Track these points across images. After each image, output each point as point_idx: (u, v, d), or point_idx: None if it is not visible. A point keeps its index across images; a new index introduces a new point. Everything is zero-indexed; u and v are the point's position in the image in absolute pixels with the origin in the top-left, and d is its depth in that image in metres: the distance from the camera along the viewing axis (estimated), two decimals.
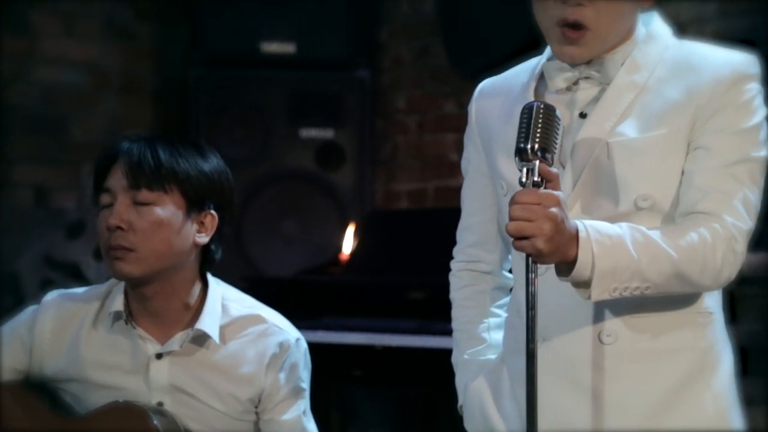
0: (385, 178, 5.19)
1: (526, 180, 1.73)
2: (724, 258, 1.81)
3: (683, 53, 1.90)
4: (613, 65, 1.91)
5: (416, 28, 5.11)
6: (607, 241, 1.76)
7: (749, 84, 1.86)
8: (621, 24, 1.90)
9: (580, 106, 1.91)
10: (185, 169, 2.31)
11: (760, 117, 1.86)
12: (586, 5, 1.85)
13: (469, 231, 2.09)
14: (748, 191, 1.83)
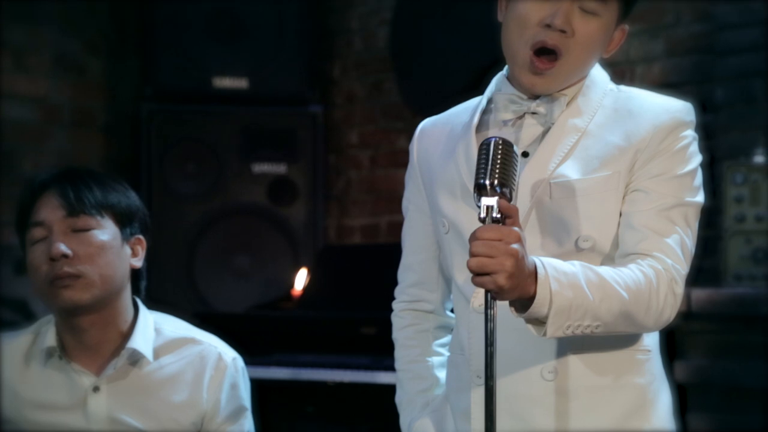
0: (338, 213, 5.18)
1: (485, 216, 1.72)
2: (665, 300, 1.84)
3: (622, 99, 1.94)
4: (558, 106, 1.93)
5: (369, 64, 5.12)
6: (563, 279, 1.77)
7: (686, 131, 1.90)
8: (588, 63, 1.93)
9: (524, 145, 1.93)
10: (114, 194, 2.38)
11: (696, 163, 1.91)
12: (569, 35, 1.86)
13: (411, 270, 2.09)
14: (684, 235, 1.87)
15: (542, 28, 1.87)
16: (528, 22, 1.88)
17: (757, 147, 3.76)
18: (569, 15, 1.86)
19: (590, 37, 1.87)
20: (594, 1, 1.86)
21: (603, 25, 1.88)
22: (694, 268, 1.91)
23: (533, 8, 1.88)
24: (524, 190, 1.89)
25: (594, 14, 1.87)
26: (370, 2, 5.13)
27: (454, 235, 1.94)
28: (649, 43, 4.20)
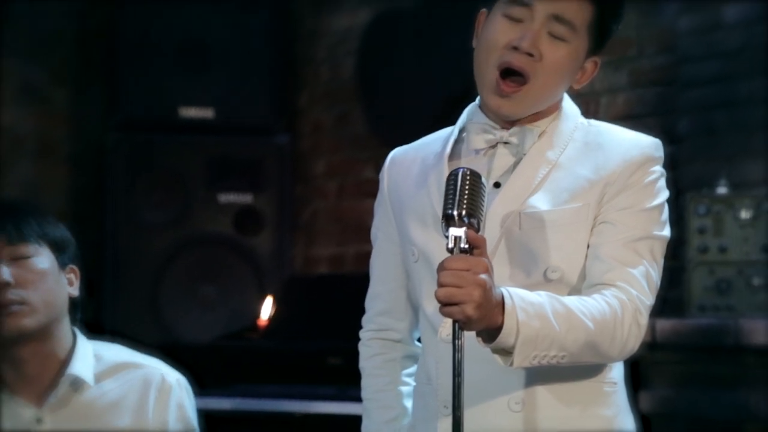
0: (305, 243, 5.17)
1: (453, 246, 1.73)
2: (630, 330, 1.85)
3: (592, 133, 1.96)
4: (531, 137, 1.95)
5: (336, 94, 5.14)
6: (530, 309, 1.78)
7: (654, 166, 1.93)
8: (556, 90, 1.94)
9: (496, 175, 1.95)
10: (48, 225, 2.43)
11: (663, 198, 1.93)
12: (536, 58, 1.88)
13: (379, 299, 2.10)
14: (650, 267, 1.89)
15: (509, 50, 1.89)
16: (496, 44, 1.90)
17: (720, 178, 3.80)
18: (537, 39, 1.87)
19: (558, 62, 1.89)
20: (563, 26, 1.88)
21: (571, 52, 1.90)
22: (659, 299, 1.93)
23: (502, 31, 1.89)
24: (494, 221, 1.90)
25: (563, 40, 1.88)
26: (337, 32, 5.16)
27: (423, 263, 1.94)
28: (613, 75, 4.25)
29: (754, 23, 3.90)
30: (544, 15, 1.87)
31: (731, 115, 3.94)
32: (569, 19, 1.87)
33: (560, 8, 1.87)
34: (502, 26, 1.89)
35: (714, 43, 3.98)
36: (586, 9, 1.89)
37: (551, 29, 1.88)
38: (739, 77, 3.92)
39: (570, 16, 1.88)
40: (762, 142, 3.88)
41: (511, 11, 1.89)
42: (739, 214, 3.64)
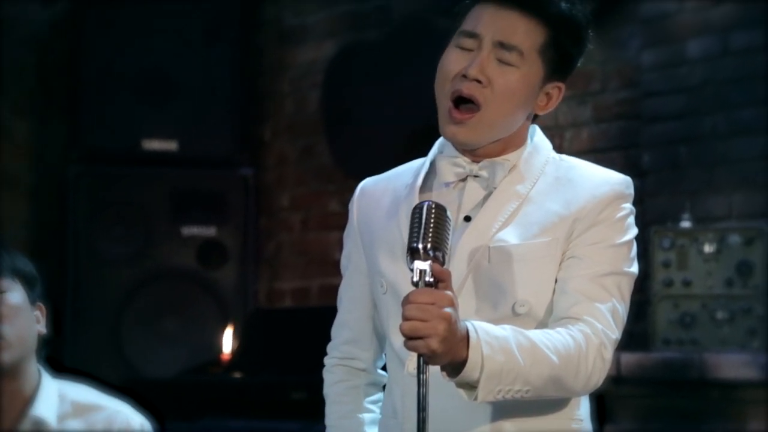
0: (269, 276, 5.17)
1: (418, 279, 1.73)
2: (594, 364, 1.86)
3: (563, 168, 1.98)
4: (501, 169, 1.97)
5: (300, 126, 5.15)
6: (495, 343, 1.78)
7: (625, 203, 1.94)
8: (511, 117, 1.95)
9: (466, 210, 1.96)
10: (20, 260, 2.42)
11: (632, 235, 1.95)
12: (485, 84, 1.90)
13: (346, 328, 2.10)
14: (617, 302, 1.90)
15: (460, 79, 1.91)
16: (448, 74, 1.92)
17: (684, 212, 3.84)
18: (484, 65, 1.89)
19: (508, 88, 1.90)
20: (510, 52, 1.90)
21: (523, 78, 1.91)
22: (623, 333, 1.94)
23: (453, 61, 1.92)
24: (463, 254, 1.91)
25: (510, 65, 1.90)
26: (301, 65, 5.18)
27: (392, 296, 1.95)
28: (577, 109, 4.29)
29: (716, 58, 3.95)
30: (490, 42, 1.90)
31: (695, 150, 3.98)
32: (515, 45, 1.89)
33: (506, 34, 1.90)
34: (454, 56, 1.92)
35: (677, 78, 4.03)
36: (538, 33, 1.91)
37: (498, 56, 1.90)
38: (702, 112, 3.97)
39: (516, 42, 1.90)
40: (725, 177, 3.92)
41: (461, 42, 1.92)
42: (703, 248, 3.68)
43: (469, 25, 1.92)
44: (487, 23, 1.90)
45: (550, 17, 1.90)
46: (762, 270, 3.59)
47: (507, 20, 1.90)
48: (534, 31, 1.90)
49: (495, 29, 1.90)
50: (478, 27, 1.91)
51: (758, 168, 3.86)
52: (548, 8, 1.90)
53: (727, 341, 3.61)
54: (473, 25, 1.91)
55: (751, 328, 3.59)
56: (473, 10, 1.93)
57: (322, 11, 5.10)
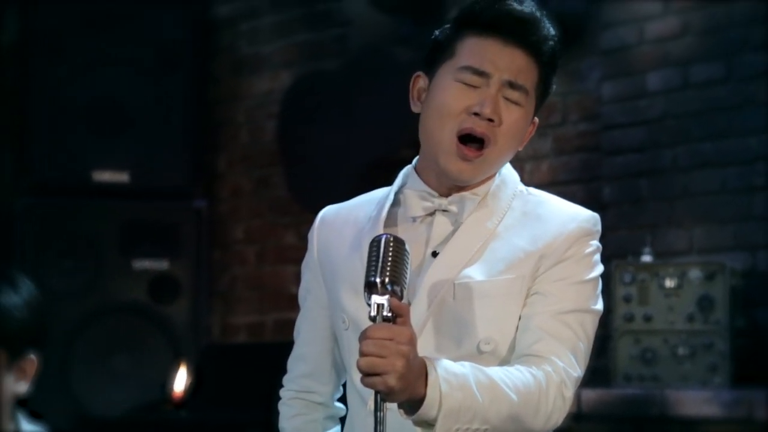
0: (222, 311, 5.14)
1: (376, 315, 1.73)
2: (554, 403, 1.87)
3: (531, 203, 1.99)
4: (470, 205, 1.97)
5: (256, 157, 5.14)
6: (453, 380, 1.79)
7: (591, 240, 1.96)
8: (510, 153, 1.98)
9: (434, 245, 1.96)
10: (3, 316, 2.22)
11: (597, 273, 1.96)
12: (496, 124, 1.92)
13: (303, 361, 2.09)
14: (579, 340, 1.91)
15: (468, 115, 1.91)
16: (451, 110, 1.92)
17: (645, 246, 3.87)
18: (497, 104, 1.91)
19: (514, 126, 1.92)
20: (517, 92, 1.92)
21: (525, 115, 1.94)
22: None
23: (457, 96, 1.92)
24: (428, 290, 1.91)
25: (517, 104, 1.92)
26: (257, 95, 5.18)
27: (353, 331, 1.93)
28: (538, 141, 4.32)
29: (676, 91, 4.00)
30: (499, 81, 1.91)
31: (655, 183, 4.02)
32: (522, 84, 1.92)
33: (514, 74, 1.91)
34: (457, 91, 1.92)
35: (638, 111, 4.07)
36: (535, 71, 1.94)
37: (506, 95, 1.91)
38: (662, 145, 4.01)
39: (522, 81, 1.92)
40: (686, 211, 3.96)
41: (465, 78, 1.92)
42: (664, 282, 3.70)
43: (473, 60, 1.91)
44: (494, 61, 1.91)
45: (543, 55, 1.94)
46: (723, 305, 3.62)
47: (512, 58, 1.92)
48: (533, 70, 1.94)
49: (504, 67, 1.91)
50: (486, 65, 1.91)
51: (719, 202, 3.90)
52: (543, 46, 1.93)
53: (689, 377, 3.63)
54: (479, 62, 1.91)
55: (713, 364, 3.61)
56: (470, 42, 1.93)
57: (278, 40, 5.11)
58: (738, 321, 3.66)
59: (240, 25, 5.24)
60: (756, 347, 3.63)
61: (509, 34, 1.91)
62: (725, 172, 3.89)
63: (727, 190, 3.88)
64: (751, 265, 3.80)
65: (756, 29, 3.84)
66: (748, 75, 3.85)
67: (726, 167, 3.89)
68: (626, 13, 4.09)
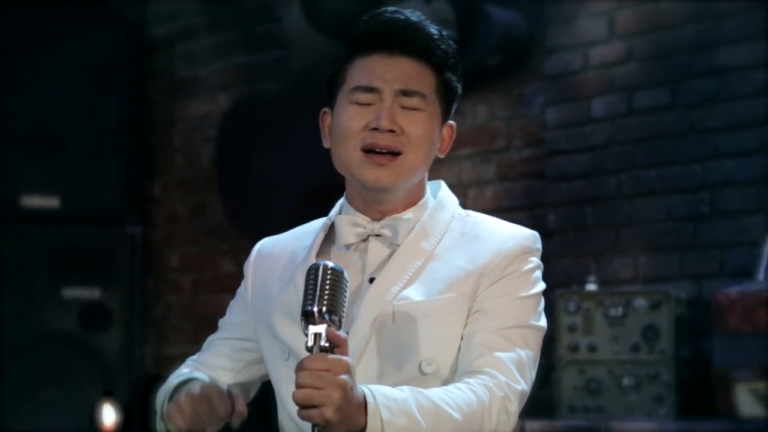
0: (156, 340, 5.10)
1: (313, 345, 1.72)
2: (498, 418, 1.87)
3: (470, 224, 2.00)
4: (404, 227, 1.98)
5: (192, 182, 5.11)
6: (394, 407, 1.78)
7: (531, 257, 1.98)
8: (427, 160, 1.98)
9: (369, 271, 1.97)
10: None
11: (539, 289, 1.98)
12: (398, 133, 1.93)
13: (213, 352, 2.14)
14: (523, 354, 1.91)
15: (369, 132, 1.93)
16: (352, 131, 1.93)
17: (590, 274, 3.88)
18: (393, 114, 1.92)
19: (420, 132, 1.94)
20: (413, 98, 1.93)
21: (430, 119, 1.95)
22: (528, 400, 1.94)
23: (354, 117, 1.93)
24: (367, 316, 1.91)
25: (417, 110, 1.94)
26: (193, 119, 5.15)
27: (294, 362, 1.91)
28: (481, 167, 4.33)
29: (620, 117, 4.03)
30: (392, 92, 1.93)
31: (600, 210, 4.04)
32: (416, 89, 1.93)
33: (404, 82, 1.93)
34: (353, 112, 1.94)
35: (582, 137, 4.10)
36: (430, 75, 1.95)
37: (402, 103, 1.93)
38: (607, 172, 4.04)
39: (417, 86, 1.93)
40: (631, 238, 3.98)
41: (357, 98, 1.94)
42: (609, 311, 3.71)
43: (362, 79, 1.93)
44: (382, 75, 1.93)
45: (433, 57, 1.94)
46: (668, 335, 3.64)
47: (400, 67, 1.93)
48: (426, 74, 1.95)
49: (392, 79, 1.93)
50: (374, 80, 1.93)
51: (664, 230, 3.93)
52: (430, 48, 1.94)
53: (634, 408, 3.65)
54: (368, 79, 1.93)
55: (658, 395, 3.63)
56: (357, 64, 1.95)
57: (216, 62, 5.10)
58: (683, 351, 3.68)
59: (177, 47, 5.22)
60: (701, 378, 3.65)
61: (390, 44, 1.93)
62: (670, 200, 3.92)
63: (673, 218, 3.91)
64: (696, 294, 3.83)
65: (701, 55, 3.88)
66: (693, 102, 3.89)
67: (671, 195, 3.92)
68: (571, 38, 4.13)
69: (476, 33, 4.24)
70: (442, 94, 1.96)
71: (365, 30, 1.96)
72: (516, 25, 4.26)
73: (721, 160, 3.82)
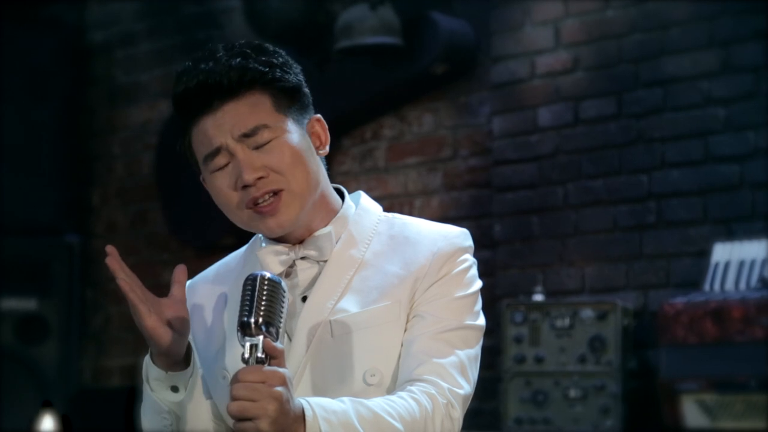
0: (95, 352, 5.06)
1: (249, 356, 1.71)
2: (442, 425, 1.86)
3: (397, 227, 1.99)
4: (327, 241, 1.96)
5: (132, 192, 5.08)
6: (333, 418, 1.77)
7: (464, 255, 1.96)
8: (310, 174, 1.93)
9: (302, 289, 1.95)
10: None
11: (475, 288, 1.97)
12: (266, 175, 1.90)
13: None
14: (463, 356, 1.91)
15: (241, 191, 1.90)
16: (227, 196, 1.90)
17: (536, 285, 3.90)
18: (249, 163, 1.88)
19: (285, 159, 1.90)
20: (257, 134, 1.89)
21: (286, 140, 1.90)
22: (472, 412, 1.94)
23: (221, 184, 1.90)
24: (304, 333, 1.90)
25: (268, 141, 1.89)
26: (133, 126, 5.12)
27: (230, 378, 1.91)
28: (427, 176, 4.34)
29: (567, 127, 4.05)
30: (235, 143, 1.89)
31: (546, 221, 4.06)
32: (255, 124, 1.89)
33: (241, 126, 1.89)
34: (218, 181, 1.90)
35: (528, 146, 4.11)
36: (261, 98, 1.90)
37: (251, 144, 1.89)
38: (553, 182, 4.06)
39: (254, 122, 1.89)
40: (577, 249, 4.00)
41: (212, 165, 1.91)
42: (556, 322, 3.73)
43: (203, 148, 1.90)
44: (216, 134, 1.89)
45: (256, 83, 1.89)
46: (615, 346, 3.66)
47: (230, 115, 1.89)
48: (258, 100, 1.90)
49: (227, 129, 1.88)
50: (213, 142, 1.89)
51: (610, 240, 3.95)
52: (249, 76, 1.89)
53: (580, 420, 3.66)
54: (207, 145, 1.89)
55: (605, 406, 3.65)
56: (194, 134, 1.91)
57: (156, 68, 5.07)
58: (630, 362, 3.70)
59: (116, 53, 5.18)
60: (648, 389, 3.68)
61: (207, 102, 1.89)
62: (616, 210, 3.95)
63: (619, 228, 3.94)
64: (642, 305, 3.86)
65: (647, 65, 3.91)
66: (639, 111, 3.92)
67: (617, 205, 3.94)
68: (517, 47, 4.14)
69: (422, 41, 4.24)
70: (285, 104, 1.91)
71: (180, 101, 1.91)
72: (462, 33, 4.27)
73: (668, 170, 3.86)
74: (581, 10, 4.03)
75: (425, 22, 4.23)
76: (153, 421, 1.94)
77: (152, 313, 1.88)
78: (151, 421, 1.94)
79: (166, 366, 1.88)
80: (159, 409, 1.92)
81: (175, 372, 1.88)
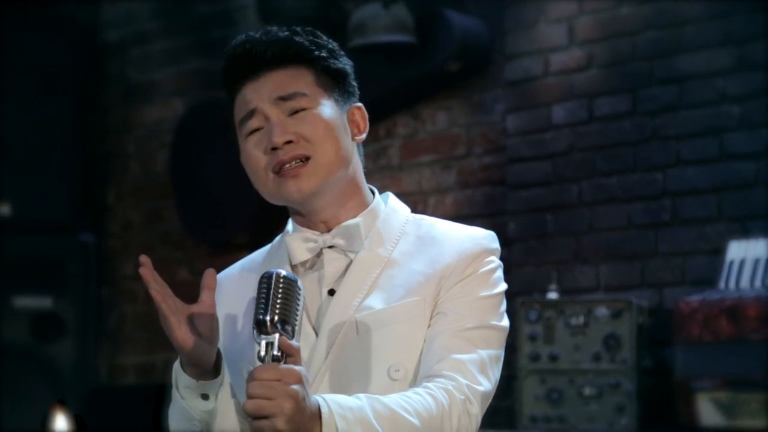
0: (110, 351, 5.07)
1: (265, 354, 1.72)
2: (459, 422, 1.87)
3: (424, 228, 2.02)
4: (356, 232, 1.98)
5: (147, 190, 5.09)
6: (349, 415, 1.78)
7: (490, 257, 1.99)
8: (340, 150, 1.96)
9: (329, 283, 1.97)
10: None
11: (500, 289, 1.99)
12: (296, 140, 1.93)
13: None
14: (485, 354, 1.92)
15: (270, 154, 1.93)
16: (256, 160, 1.94)
17: (551, 283, 3.90)
18: (282, 126, 1.92)
19: (317, 129, 1.93)
20: (293, 100, 1.93)
21: (321, 112, 1.94)
22: (489, 410, 1.95)
23: (252, 147, 1.94)
24: (329, 329, 1.91)
25: (304, 109, 1.93)
26: (148, 124, 5.13)
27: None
28: (441, 174, 4.34)
29: (581, 124, 4.06)
30: (270, 105, 1.93)
31: (561, 218, 4.06)
32: (293, 91, 1.93)
33: (277, 90, 1.94)
34: (250, 144, 1.94)
35: (543, 144, 4.12)
36: (304, 73, 1.95)
37: (287, 109, 1.93)
38: (568, 179, 4.06)
39: (292, 88, 1.93)
40: (592, 247, 4.01)
41: (246, 128, 1.95)
42: (570, 320, 3.73)
43: (241, 110, 1.95)
44: (254, 97, 1.94)
45: (301, 55, 1.94)
46: (630, 344, 3.66)
47: (271, 81, 1.94)
48: (300, 73, 1.95)
49: (266, 93, 1.93)
50: (249, 104, 1.94)
51: (625, 238, 3.95)
52: (294, 49, 1.94)
53: (595, 418, 3.66)
54: (245, 107, 1.94)
55: (620, 404, 3.65)
56: (236, 102, 1.96)
57: (170, 68, 5.08)
58: (645, 360, 3.70)
59: (130, 52, 5.20)
60: (663, 387, 3.68)
61: (251, 68, 1.94)
62: (631, 208, 3.95)
63: (634, 226, 3.94)
64: (657, 303, 3.86)
65: (661, 62, 3.92)
66: (653, 109, 3.92)
67: (632, 203, 3.95)
68: (531, 45, 4.15)
69: (436, 39, 4.25)
70: (327, 84, 1.96)
71: (227, 69, 1.97)
72: (476, 30, 4.27)
73: (682, 168, 3.86)
74: (595, 7, 4.04)
75: (439, 20, 4.24)
76: (182, 425, 1.95)
77: (182, 323, 1.88)
78: (179, 424, 1.95)
79: (196, 375, 1.88)
80: (189, 416, 1.92)
81: (205, 381, 1.88)
